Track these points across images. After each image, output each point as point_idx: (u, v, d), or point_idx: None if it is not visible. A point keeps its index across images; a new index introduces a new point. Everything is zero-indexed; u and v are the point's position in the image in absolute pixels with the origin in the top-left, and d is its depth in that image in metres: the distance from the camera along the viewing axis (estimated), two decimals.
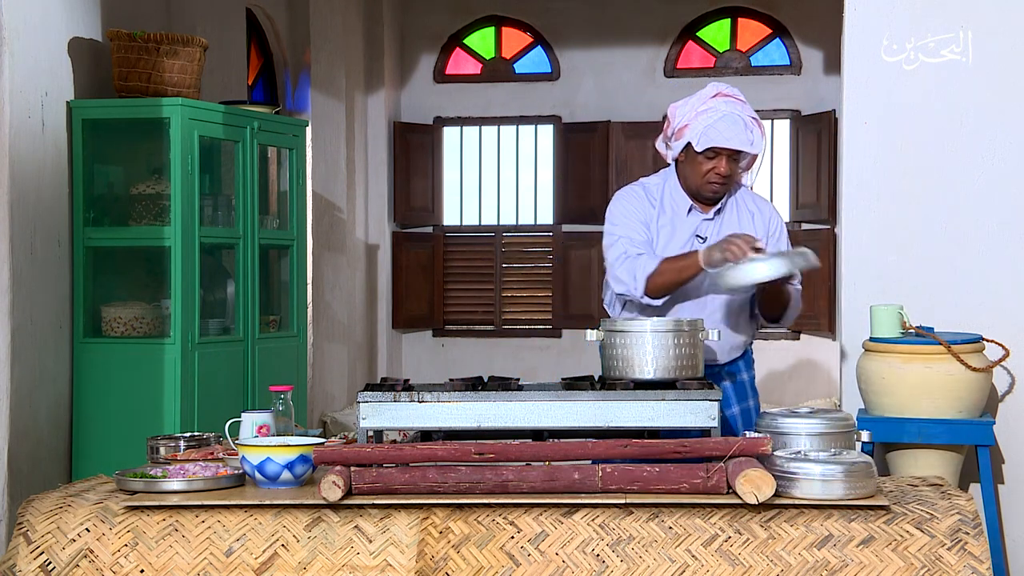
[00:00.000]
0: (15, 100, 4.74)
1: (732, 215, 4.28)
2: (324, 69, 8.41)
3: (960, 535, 3.06)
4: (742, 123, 4.12)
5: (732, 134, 4.11)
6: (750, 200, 4.35)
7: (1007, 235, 4.69)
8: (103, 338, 5.33)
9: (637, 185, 4.43)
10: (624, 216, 4.30)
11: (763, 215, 4.32)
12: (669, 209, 4.29)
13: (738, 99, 4.19)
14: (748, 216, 4.29)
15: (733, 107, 4.15)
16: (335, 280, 8.59)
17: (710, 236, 4.22)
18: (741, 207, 4.31)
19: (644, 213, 4.28)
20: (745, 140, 4.12)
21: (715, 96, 4.17)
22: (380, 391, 3.46)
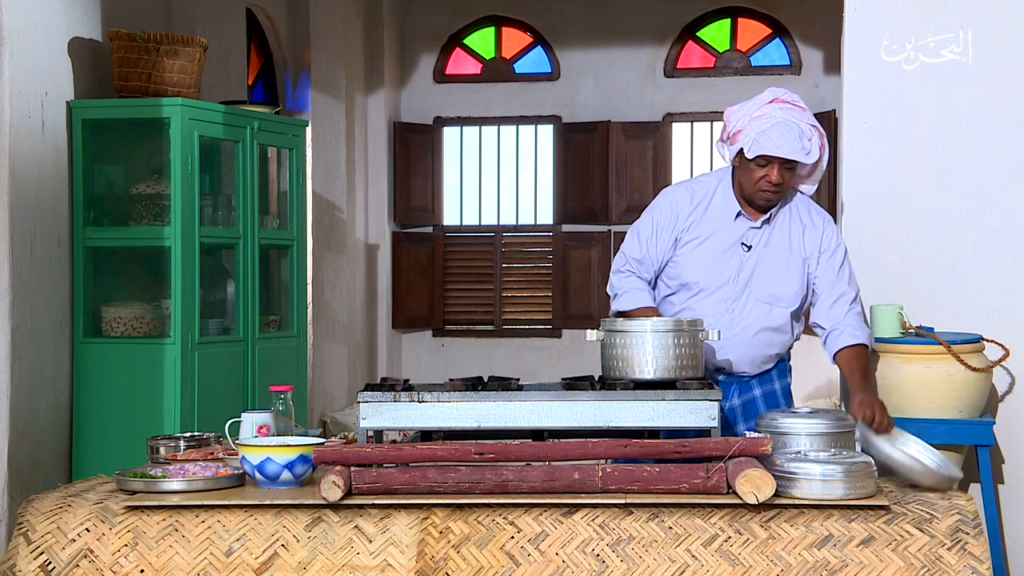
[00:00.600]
0: (15, 100, 4.74)
1: (784, 226, 4.13)
2: (324, 69, 8.41)
3: (960, 535, 3.06)
4: (797, 131, 3.99)
5: (784, 142, 3.96)
6: (805, 212, 4.17)
7: (1007, 235, 4.69)
8: (103, 338, 5.33)
9: (686, 184, 4.28)
10: (651, 225, 4.17)
11: (816, 229, 4.14)
12: (716, 211, 4.14)
13: (796, 106, 4.05)
14: (799, 229, 4.13)
15: (789, 114, 4.01)
16: (335, 280, 8.59)
17: (755, 244, 4.10)
18: (794, 218, 4.15)
19: (674, 219, 4.13)
20: (798, 149, 3.97)
21: (771, 102, 4.05)
22: (380, 391, 3.46)
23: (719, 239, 4.11)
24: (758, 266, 4.10)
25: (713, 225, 4.12)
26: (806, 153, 4.00)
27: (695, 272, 4.11)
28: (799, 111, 4.04)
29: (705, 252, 4.11)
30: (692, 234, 4.12)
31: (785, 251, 4.12)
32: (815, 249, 4.13)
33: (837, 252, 4.16)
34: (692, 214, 4.13)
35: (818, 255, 4.13)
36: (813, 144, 4.04)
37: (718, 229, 4.12)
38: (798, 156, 3.98)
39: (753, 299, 4.10)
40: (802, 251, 4.12)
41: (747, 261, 4.10)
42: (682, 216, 4.13)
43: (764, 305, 4.11)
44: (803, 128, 4.02)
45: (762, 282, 4.10)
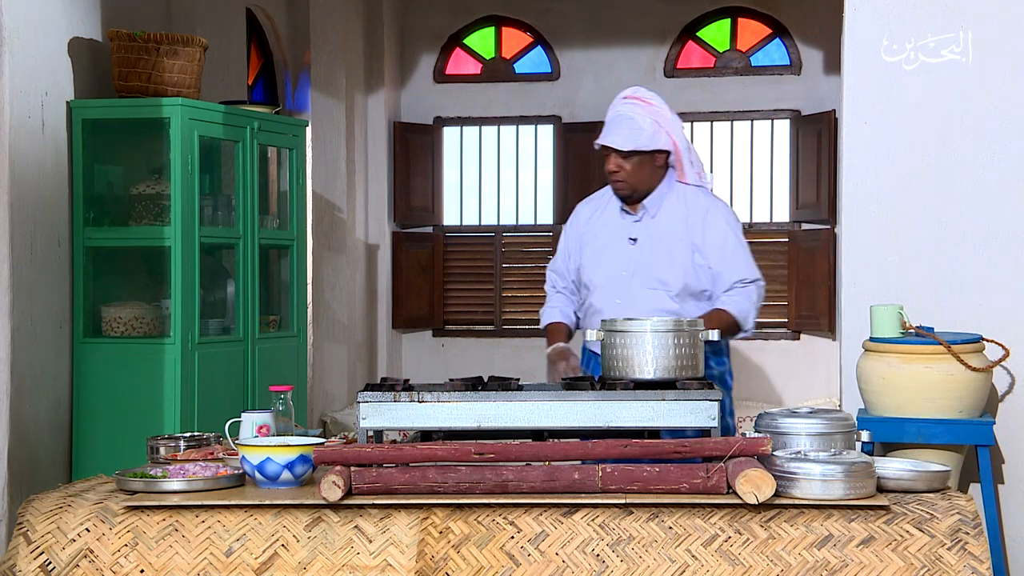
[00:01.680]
0: (15, 100, 4.74)
1: (669, 216, 4.40)
2: (324, 69, 8.41)
3: (960, 535, 3.06)
4: (629, 124, 4.30)
5: (611, 131, 4.32)
6: (692, 200, 4.42)
7: (1007, 235, 4.69)
8: (103, 338, 5.33)
9: (588, 198, 4.67)
10: (564, 239, 4.63)
11: (698, 215, 4.38)
12: (608, 213, 4.49)
13: (641, 101, 4.35)
14: (683, 217, 4.38)
15: (631, 109, 4.33)
16: (335, 280, 8.59)
17: (640, 237, 4.38)
18: (678, 207, 4.41)
19: (579, 228, 4.54)
20: (618, 139, 4.30)
21: (624, 98, 4.38)
22: (380, 391, 3.46)
23: (610, 238, 4.45)
24: (644, 256, 4.38)
25: (606, 226, 4.47)
26: (623, 141, 4.30)
27: (591, 271, 4.46)
28: (644, 105, 4.34)
29: (598, 251, 4.46)
30: (591, 238, 4.49)
31: (670, 239, 4.37)
32: (700, 236, 4.36)
33: (721, 237, 4.38)
34: (591, 220, 4.52)
35: (703, 240, 4.36)
36: (649, 136, 4.31)
37: (609, 229, 4.45)
38: (615, 144, 4.31)
39: (640, 287, 4.35)
40: (687, 238, 4.36)
41: (634, 253, 4.39)
42: (583, 225, 4.53)
43: (650, 291, 4.35)
44: (640, 123, 4.31)
45: (647, 270, 4.36)
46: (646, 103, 4.35)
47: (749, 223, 9.62)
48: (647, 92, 4.40)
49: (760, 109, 9.59)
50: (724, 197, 9.71)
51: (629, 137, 4.30)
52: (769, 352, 9.45)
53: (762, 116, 9.61)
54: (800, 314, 9.33)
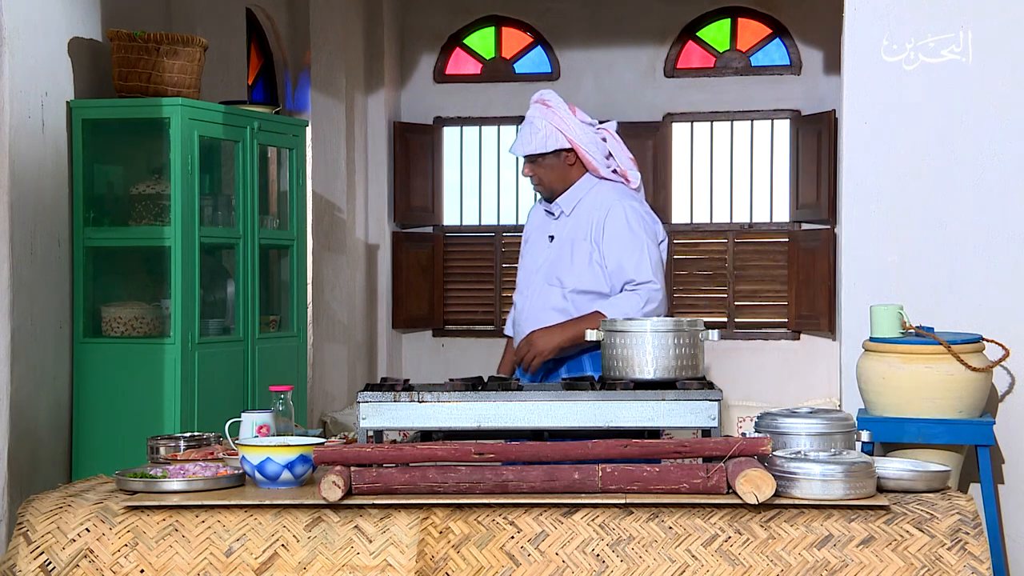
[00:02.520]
0: (15, 100, 4.74)
1: (576, 214, 4.46)
2: (324, 69, 8.41)
3: (960, 535, 3.06)
4: (528, 127, 4.39)
5: (517, 139, 4.44)
6: (602, 196, 4.44)
7: (1007, 235, 4.69)
8: (103, 338, 5.33)
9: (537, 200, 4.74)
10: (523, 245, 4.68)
11: (600, 214, 4.40)
12: (537, 213, 4.61)
13: (543, 103, 4.42)
14: (588, 213, 4.42)
15: (532, 112, 4.42)
16: (335, 280, 8.59)
17: (557, 235, 4.46)
18: (587, 205, 4.45)
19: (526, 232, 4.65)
20: (516, 145, 4.42)
21: (534, 103, 4.46)
22: (380, 391, 3.46)
23: (536, 237, 4.55)
24: (554, 254, 4.43)
25: (537, 226, 4.57)
26: (523, 147, 4.40)
27: (520, 269, 4.59)
28: (542, 108, 4.42)
29: (526, 250, 4.60)
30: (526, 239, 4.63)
31: (577, 237, 4.41)
32: (599, 233, 4.38)
33: (616, 235, 4.36)
34: (531, 221, 4.63)
35: (602, 238, 4.38)
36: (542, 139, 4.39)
37: (539, 229, 4.55)
38: (514, 150, 4.44)
39: (542, 283, 4.42)
40: (590, 235, 4.38)
41: (550, 251, 4.46)
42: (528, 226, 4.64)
43: (549, 288, 4.40)
44: (538, 125, 4.39)
45: (553, 267, 4.42)
46: (545, 105, 4.42)
47: (749, 223, 9.62)
48: (549, 94, 4.46)
49: (760, 109, 9.59)
50: (724, 197, 9.72)
51: (523, 142, 4.40)
52: (769, 352, 9.45)
53: (762, 116, 9.61)
54: (800, 314, 9.33)
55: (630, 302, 4.28)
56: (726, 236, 9.63)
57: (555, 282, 4.40)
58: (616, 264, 4.33)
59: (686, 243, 9.67)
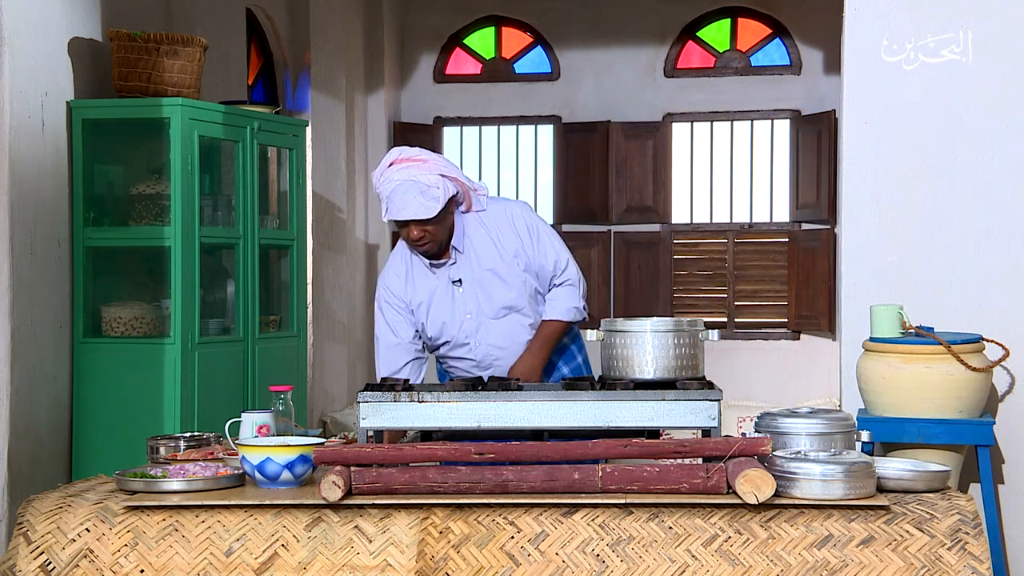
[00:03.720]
0: (15, 100, 4.74)
1: (476, 247, 4.25)
2: (324, 69, 8.41)
3: (960, 535, 3.06)
4: (416, 188, 4.08)
5: (404, 203, 4.08)
6: (487, 219, 4.28)
7: (1007, 235, 4.69)
8: (103, 338, 5.33)
9: (388, 266, 4.42)
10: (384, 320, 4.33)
11: (504, 225, 4.26)
12: (418, 272, 4.30)
13: (415, 160, 4.14)
14: (489, 236, 4.25)
15: (408, 172, 4.12)
16: (335, 280, 8.59)
17: (464, 276, 4.25)
18: (478, 233, 4.26)
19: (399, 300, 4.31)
20: (418, 207, 4.07)
21: (391, 165, 4.15)
22: (380, 391, 3.46)
23: (435, 294, 4.27)
24: (478, 292, 4.25)
25: (424, 285, 4.29)
26: (428, 207, 4.08)
27: (435, 328, 4.29)
28: (419, 164, 4.13)
29: (432, 310, 4.27)
30: (416, 302, 4.29)
31: (489, 264, 4.25)
32: (516, 247, 4.26)
33: (532, 232, 4.28)
34: (406, 287, 4.30)
35: (521, 249, 4.26)
36: (443, 191, 4.10)
37: (429, 285, 4.28)
38: (417, 214, 4.07)
39: (489, 320, 4.26)
40: (504, 254, 4.25)
41: (467, 294, 4.26)
42: (400, 295, 4.30)
43: (502, 319, 4.26)
44: (425, 182, 4.10)
45: (488, 304, 4.26)
46: (419, 160, 4.15)
47: (749, 223, 9.62)
48: (413, 150, 4.20)
49: (760, 109, 9.59)
50: (724, 197, 9.73)
51: (425, 205, 4.08)
52: (769, 352, 9.45)
53: (762, 116, 9.61)
54: (800, 314, 9.33)
55: (570, 295, 4.32)
56: (726, 236, 9.63)
57: (503, 312, 4.27)
58: (549, 261, 4.29)
59: (686, 243, 9.67)
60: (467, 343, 4.29)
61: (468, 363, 4.33)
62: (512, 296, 4.26)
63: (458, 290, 4.27)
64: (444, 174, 4.15)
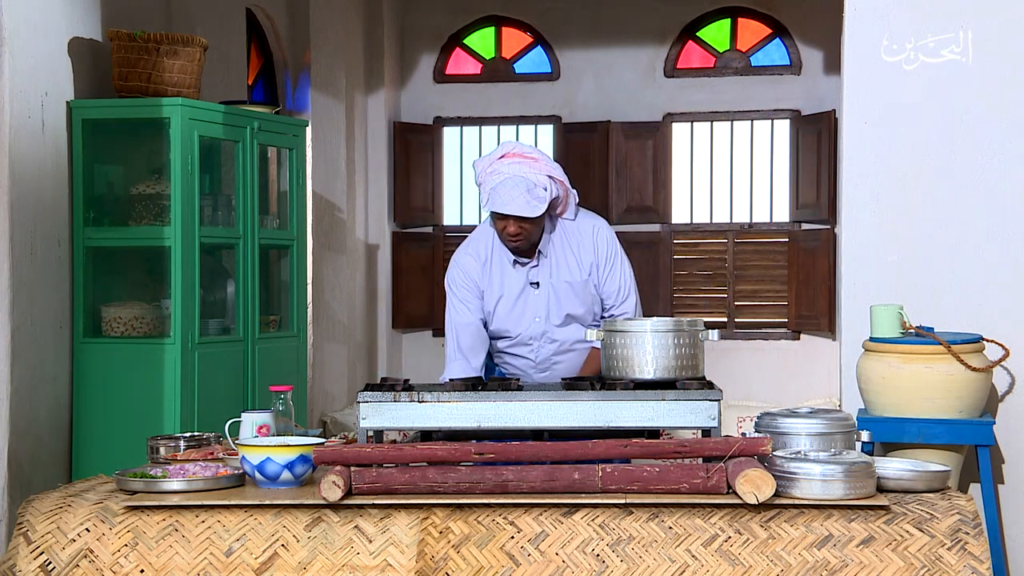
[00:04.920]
0: (15, 100, 4.74)
1: (559, 252, 4.33)
2: (324, 69, 8.41)
3: (960, 535, 3.06)
4: (524, 186, 4.14)
5: (510, 199, 4.14)
6: (575, 230, 4.35)
7: (1007, 235, 4.69)
8: (103, 338, 5.33)
9: (465, 247, 4.45)
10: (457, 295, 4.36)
11: (588, 240, 4.34)
12: (498, 264, 4.36)
13: (527, 157, 4.20)
14: (573, 248, 4.34)
15: (518, 168, 4.17)
16: (335, 280, 8.59)
17: (541, 280, 4.32)
18: (564, 242, 4.34)
19: (473, 281, 4.35)
20: (522, 205, 4.13)
21: (502, 157, 4.22)
22: (380, 391, 3.46)
23: (510, 288, 4.34)
24: (550, 298, 4.33)
25: (500, 278, 4.35)
26: (533, 207, 4.14)
27: (501, 323, 4.34)
28: (530, 163, 4.18)
29: (504, 305, 4.34)
30: (489, 290, 4.35)
31: (567, 274, 4.33)
32: (591, 261, 4.33)
33: (612, 257, 4.36)
34: (482, 274, 4.35)
35: (597, 265, 4.34)
36: (540, 196, 4.15)
37: (506, 280, 4.34)
38: (523, 211, 4.13)
39: (554, 327, 4.33)
40: (583, 267, 4.33)
41: (540, 298, 4.33)
42: (474, 277, 4.35)
43: (566, 328, 4.34)
44: (534, 180, 4.16)
45: (557, 310, 4.33)
46: (531, 159, 4.21)
47: (749, 223, 9.63)
48: (526, 147, 4.26)
49: (760, 109, 9.59)
50: (724, 197, 9.73)
51: (530, 204, 4.14)
52: (769, 352, 9.45)
53: (762, 116, 9.61)
54: (800, 314, 9.33)
55: None
56: (726, 236, 9.63)
57: (568, 320, 4.34)
58: (613, 289, 4.38)
59: (686, 243, 9.67)
60: (531, 344, 4.37)
61: (527, 363, 4.41)
62: (581, 309, 4.35)
63: (534, 292, 4.34)
64: (552, 175, 4.22)
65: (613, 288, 4.37)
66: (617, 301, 4.39)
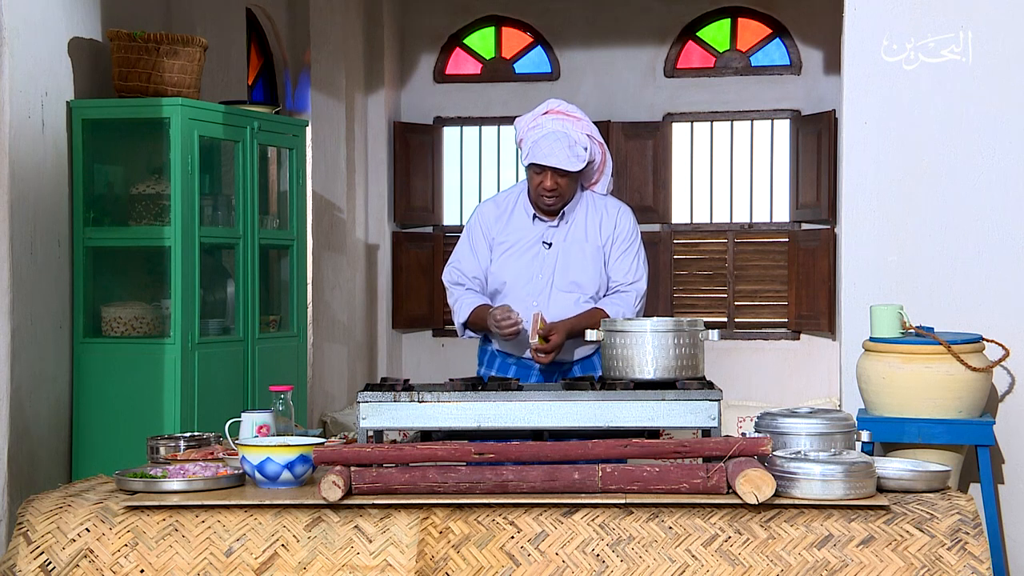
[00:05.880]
0: (15, 100, 4.74)
1: (581, 220, 4.40)
2: (324, 69, 8.41)
3: (960, 535, 3.06)
4: (566, 141, 4.25)
5: (551, 151, 4.23)
6: (601, 204, 4.44)
7: (1007, 235, 4.69)
8: (103, 338, 5.33)
9: (493, 198, 4.59)
10: (468, 242, 4.48)
11: (610, 217, 4.42)
12: (518, 218, 4.44)
13: (570, 116, 4.32)
14: (596, 220, 4.41)
15: (561, 124, 4.29)
16: (335, 280, 8.59)
17: (555, 242, 4.37)
18: (590, 213, 4.42)
19: (488, 231, 4.44)
20: (564, 158, 4.23)
21: (546, 113, 4.34)
22: (380, 391, 3.46)
23: (522, 242, 4.40)
24: (559, 260, 4.37)
25: (516, 231, 4.42)
26: (571, 162, 4.24)
27: (505, 274, 4.38)
28: (573, 121, 4.32)
29: (511, 255, 4.40)
30: (500, 240, 4.42)
31: (582, 241, 4.39)
32: (609, 236, 4.40)
33: (628, 240, 4.43)
34: (498, 223, 4.45)
35: (612, 242, 4.40)
36: (580, 153, 4.27)
37: (521, 233, 4.41)
38: (563, 164, 4.22)
39: (557, 290, 4.34)
40: (598, 239, 4.39)
41: (548, 257, 4.37)
42: (491, 226, 4.44)
43: (567, 294, 4.34)
44: (575, 137, 4.28)
45: (563, 273, 4.36)
46: (574, 117, 4.32)
47: (749, 223, 9.63)
48: (568, 105, 4.37)
49: (760, 109, 9.59)
50: (724, 197, 9.73)
51: (573, 157, 4.24)
52: (769, 352, 9.45)
53: (762, 116, 9.61)
54: (800, 314, 9.33)
55: (626, 302, 4.39)
56: (726, 236, 9.63)
57: (572, 288, 4.35)
58: (624, 269, 4.41)
59: (686, 243, 9.67)
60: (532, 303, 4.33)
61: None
62: (587, 277, 4.36)
63: (544, 250, 4.38)
64: (591, 135, 4.33)
65: (623, 269, 4.40)
66: (624, 282, 4.40)
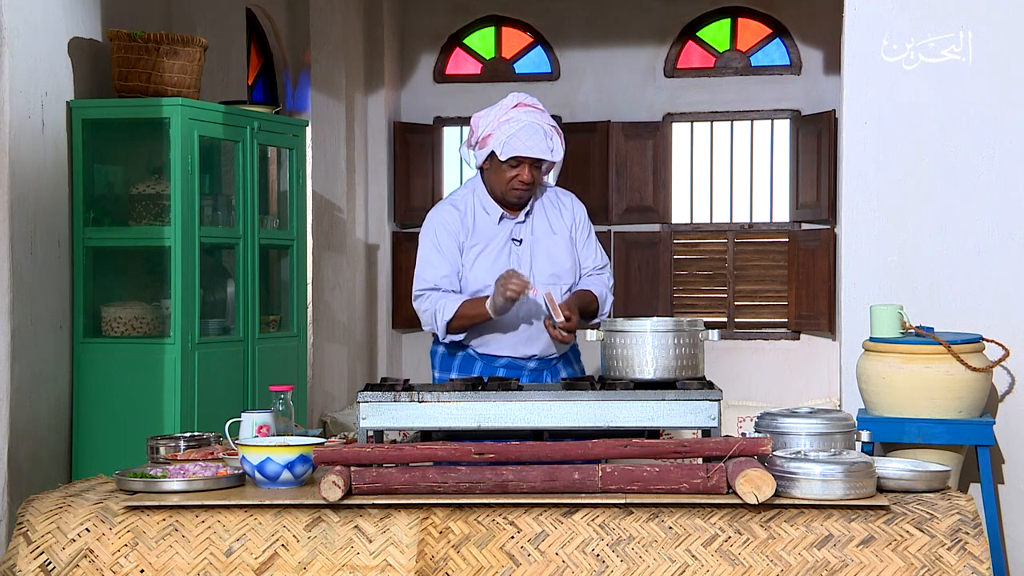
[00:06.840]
0: (15, 100, 4.74)
1: (541, 214, 4.46)
2: (324, 69, 8.41)
3: (960, 535, 3.06)
4: (542, 132, 4.29)
5: (533, 143, 4.26)
6: (555, 196, 4.53)
7: (1007, 235, 4.69)
8: (103, 338, 5.33)
9: (446, 202, 4.53)
10: (434, 247, 4.45)
11: (567, 208, 4.51)
12: (480, 218, 4.42)
13: (537, 108, 4.36)
14: (556, 211, 4.49)
15: (533, 116, 4.31)
16: (335, 280, 8.59)
17: (524, 237, 4.40)
18: (548, 205, 4.49)
19: (454, 235, 4.39)
20: (545, 148, 4.29)
21: (516, 106, 4.34)
22: (380, 391, 3.46)
23: (493, 243, 4.38)
24: (534, 254, 4.39)
25: (483, 232, 4.40)
26: (551, 151, 4.32)
27: (482, 277, 4.34)
28: (540, 113, 4.36)
29: (484, 258, 4.37)
30: (470, 244, 4.38)
31: (550, 233, 4.43)
32: (571, 225, 4.49)
33: (588, 227, 4.55)
34: (463, 226, 4.40)
35: (576, 230, 4.49)
36: (555, 143, 4.35)
37: (489, 234, 4.39)
38: (546, 155, 4.30)
39: (539, 284, 4.30)
40: (564, 229, 4.46)
41: (523, 253, 4.39)
42: (457, 230, 4.39)
43: (550, 287, 4.32)
44: (546, 129, 4.32)
45: (541, 266, 4.38)
46: (540, 109, 4.36)
47: (749, 223, 9.63)
48: (532, 98, 4.39)
49: (760, 109, 9.59)
50: (724, 197, 9.73)
51: (551, 148, 4.31)
52: (769, 352, 9.45)
53: (762, 116, 9.61)
54: (800, 314, 9.33)
55: (603, 282, 4.51)
56: (726, 236, 9.63)
57: (551, 279, 4.37)
58: (590, 255, 4.51)
59: (686, 243, 9.67)
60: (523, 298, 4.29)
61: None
62: (565, 268, 4.41)
63: (516, 247, 4.40)
64: (554, 126, 4.38)
65: (590, 255, 4.50)
66: (595, 267, 4.51)
